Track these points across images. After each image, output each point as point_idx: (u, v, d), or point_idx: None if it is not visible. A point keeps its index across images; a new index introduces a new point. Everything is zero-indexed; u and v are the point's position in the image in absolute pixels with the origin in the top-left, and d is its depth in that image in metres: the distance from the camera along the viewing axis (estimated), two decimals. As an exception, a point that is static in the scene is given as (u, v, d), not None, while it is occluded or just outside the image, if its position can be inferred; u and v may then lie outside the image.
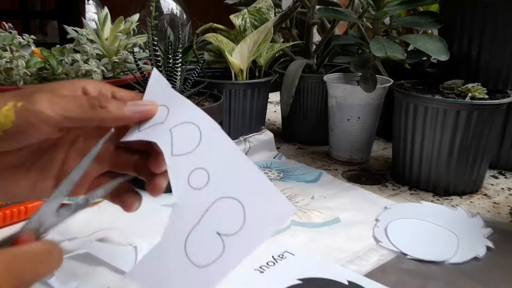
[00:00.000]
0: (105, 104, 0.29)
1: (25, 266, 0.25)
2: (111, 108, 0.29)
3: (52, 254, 0.27)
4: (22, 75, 0.54)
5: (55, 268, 0.28)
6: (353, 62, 0.71)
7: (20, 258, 0.25)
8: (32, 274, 0.26)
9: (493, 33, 0.64)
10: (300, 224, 0.55)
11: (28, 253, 0.26)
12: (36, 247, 0.26)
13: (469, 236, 0.53)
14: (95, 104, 0.29)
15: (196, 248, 0.26)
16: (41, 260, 0.26)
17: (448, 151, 0.62)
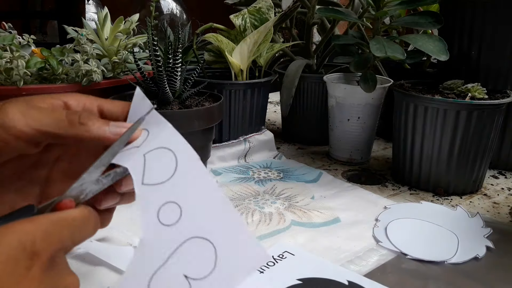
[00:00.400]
0: (85, 121, 0.28)
1: (64, 232, 0.25)
2: (91, 126, 0.28)
3: (89, 221, 0.28)
4: (22, 75, 0.54)
5: (91, 234, 0.28)
6: (353, 62, 0.71)
7: (59, 224, 0.25)
8: (70, 240, 0.26)
9: (493, 33, 0.64)
10: (300, 224, 0.55)
11: (67, 219, 0.26)
12: (74, 213, 0.27)
13: (469, 236, 0.53)
14: (74, 120, 0.27)
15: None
16: (79, 226, 0.27)
17: (448, 151, 0.62)
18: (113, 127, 0.28)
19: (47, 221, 0.25)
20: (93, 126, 0.28)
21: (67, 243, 0.26)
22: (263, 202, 0.60)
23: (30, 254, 0.23)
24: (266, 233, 0.52)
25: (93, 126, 0.28)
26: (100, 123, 0.28)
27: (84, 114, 0.28)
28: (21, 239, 0.23)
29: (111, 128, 0.28)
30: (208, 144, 0.65)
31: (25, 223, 0.24)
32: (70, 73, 0.58)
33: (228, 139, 0.74)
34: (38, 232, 0.24)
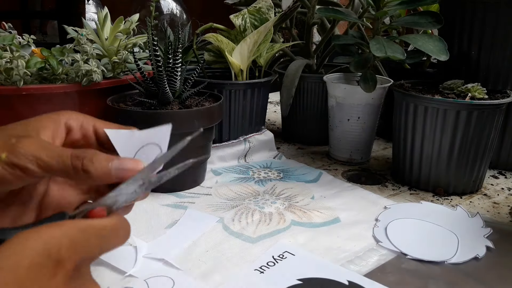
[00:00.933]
0: (88, 168, 0.28)
1: (92, 240, 0.25)
2: (94, 172, 0.28)
3: (119, 230, 0.27)
4: (22, 75, 0.54)
5: (121, 243, 0.28)
6: (353, 62, 0.71)
7: (88, 232, 0.25)
8: (98, 249, 0.26)
9: (493, 33, 0.64)
10: (300, 224, 0.55)
11: (96, 227, 0.26)
12: (104, 222, 0.26)
13: (469, 236, 0.53)
14: (78, 167, 0.28)
15: None
16: (108, 236, 0.26)
17: (448, 151, 0.62)
18: (117, 171, 0.29)
19: (75, 228, 0.25)
20: (95, 172, 0.28)
21: (94, 252, 0.26)
22: (263, 202, 0.60)
23: (55, 261, 0.23)
24: (266, 233, 0.52)
25: (95, 172, 0.28)
26: (103, 169, 0.28)
27: (87, 158, 0.28)
28: (46, 245, 0.23)
29: (114, 172, 0.29)
30: (208, 144, 0.65)
31: (52, 228, 0.24)
32: (70, 73, 0.58)
33: (228, 139, 0.74)
34: (65, 239, 0.24)
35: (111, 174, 0.28)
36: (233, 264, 0.46)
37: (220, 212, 0.57)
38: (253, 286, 0.42)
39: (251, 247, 0.49)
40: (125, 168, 0.29)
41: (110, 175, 0.28)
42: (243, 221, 0.55)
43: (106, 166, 0.28)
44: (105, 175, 0.28)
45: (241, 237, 0.51)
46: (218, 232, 0.52)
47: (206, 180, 0.67)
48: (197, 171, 0.65)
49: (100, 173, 0.28)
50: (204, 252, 0.48)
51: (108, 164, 0.28)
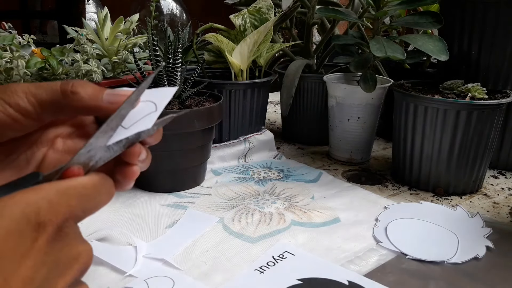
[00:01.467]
0: (76, 90, 0.27)
1: (72, 201, 0.24)
2: (84, 95, 0.27)
3: (101, 188, 0.26)
4: (22, 75, 0.54)
5: (106, 202, 0.27)
6: (353, 62, 0.71)
7: (67, 193, 0.24)
8: (80, 209, 0.25)
9: (493, 33, 0.64)
10: (300, 224, 0.55)
11: (75, 187, 0.25)
12: (84, 181, 0.25)
13: (469, 236, 0.53)
14: (67, 90, 0.27)
15: None
16: (89, 195, 0.25)
17: (448, 151, 0.62)
18: (108, 95, 0.28)
19: (53, 190, 0.24)
20: (85, 95, 0.27)
21: (76, 212, 0.25)
22: (263, 202, 0.60)
23: (35, 225, 0.22)
24: (266, 233, 0.52)
25: (85, 95, 0.27)
26: (93, 90, 0.27)
27: (77, 82, 0.27)
28: (24, 210, 0.22)
29: (106, 96, 0.28)
30: (208, 144, 0.65)
31: (28, 192, 0.23)
32: (70, 73, 0.58)
33: (228, 139, 0.74)
34: (43, 202, 0.23)
35: (102, 98, 0.27)
36: (233, 264, 0.46)
37: (220, 212, 0.57)
38: (253, 286, 0.42)
39: (251, 247, 0.49)
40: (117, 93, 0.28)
41: (100, 99, 0.27)
42: (243, 221, 0.55)
43: (97, 90, 0.28)
44: (96, 98, 0.27)
45: (241, 237, 0.51)
46: (218, 232, 0.52)
47: (206, 180, 0.67)
48: (197, 171, 0.65)
49: (90, 95, 0.27)
50: (204, 252, 0.48)
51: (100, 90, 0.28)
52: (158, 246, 0.49)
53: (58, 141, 0.32)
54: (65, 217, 0.24)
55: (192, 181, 0.64)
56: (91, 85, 0.28)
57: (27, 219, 0.22)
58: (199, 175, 0.66)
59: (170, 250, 0.48)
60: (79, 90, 0.27)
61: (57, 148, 0.32)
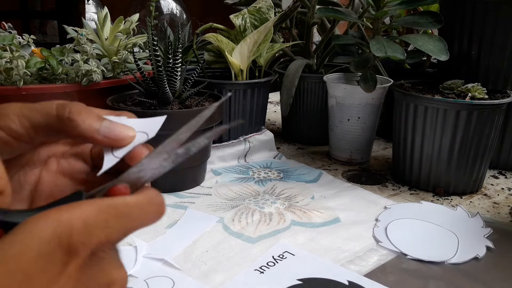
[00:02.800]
0: (73, 117, 0.25)
1: (112, 222, 0.22)
2: (80, 122, 0.25)
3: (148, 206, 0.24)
4: (22, 75, 0.54)
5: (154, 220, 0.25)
6: (353, 62, 0.71)
7: (106, 212, 0.22)
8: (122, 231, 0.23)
9: (493, 33, 0.64)
10: (300, 224, 0.55)
11: (117, 207, 0.22)
12: (128, 200, 0.23)
13: (469, 236, 0.53)
14: (63, 115, 0.25)
15: None
16: (133, 215, 0.23)
17: (448, 151, 0.62)
18: (105, 129, 0.26)
19: (91, 208, 0.21)
20: (81, 124, 0.25)
21: (115, 234, 0.22)
22: (263, 202, 0.60)
23: (66, 249, 0.20)
24: (266, 233, 0.52)
25: (82, 123, 0.25)
26: (90, 120, 0.25)
27: (74, 108, 0.25)
28: (56, 230, 0.20)
29: (103, 129, 0.26)
30: (208, 144, 0.65)
31: (63, 211, 0.21)
32: (70, 73, 0.58)
33: (228, 139, 0.74)
34: (78, 222, 0.20)
35: (99, 130, 0.25)
36: (233, 264, 0.46)
37: (220, 212, 0.57)
38: (253, 286, 0.42)
39: (251, 247, 0.49)
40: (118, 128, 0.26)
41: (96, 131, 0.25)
42: (243, 221, 0.55)
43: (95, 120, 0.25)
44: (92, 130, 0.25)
45: (241, 237, 0.51)
46: (218, 232, 0.52)
47: (206, 180, 0.67)
48: (197, 171, 0.65)
49: (87, 125, 0.25)
50: (204, 252, 0.48)
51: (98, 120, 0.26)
52: (158, 246, 0.49)
53: (51, 162, 0.31)
54: (100, 240, 0.22)
55: (192, 181, 0.64)
56: (89, 112, 0.26)
57: (59, 240, 0.20)
58: (199, 175, 0.66)
59: (170, 250, 0.48)
60: (75, 118, 0.25)
61: (51, 169, 0.31)
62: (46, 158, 0.31)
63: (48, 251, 0.20)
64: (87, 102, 0.55)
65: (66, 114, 0.25)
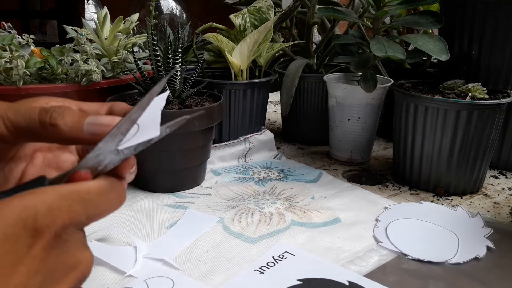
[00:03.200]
0: (55, 122, 0.25)
1: (75, 206, 0.23)
2: (63, 127, 0.25)
3: (109, 193, 0.25)
4: (21, 75, 0.54)
5: (115, 207, 0.25)
6: (353, 62, 0.71)
7: (69, 198, 0.23)
8: (84, 215, 0.23)
9: (493, 33, 0.64)
10: (300, 224, 0.54)
11: (79, 192, 0.23)
12: (89, 185, 0.24)
13: (470, 236, 0.52)
14: (45, 121, 0.25)
15: None
16: (95, 200, 0.24)
17: (448, 151, 0.62)
18: (90, 126, 0.25)
19: (54, 194, 0.22)
20: (65, 127, 0.25)
21: (79, 218, 0.23)
22: (263, 202, 0.60)
23: (31, 231, 0.21)
24: (266, 233, 0.52)
25: (65, 126, 0.25)
26: (73, 120, 0.25)
27: (55, 112, 0.25)
28: (21, 214, 0.21)
29: (87, 127, 0.25)
30: (208, 144, 0.65)
31: (27, 196, 0.22)
32: (69, 73, 0.58)
33: (228, 139, 0.74)
34: (42, 207, 0.22)
35: (83, 129, 0.25)
36: (233, 265, 0.46)
37: (220, 212, 0.57)
38: (253, 287, 0.42)
39: (251, 248, 0.49)
40: (99, 123, 0.26)
41: (81, 130, 0.25)
42: (243, 221, 0.55)
43: (78, 120, 0.25)
44: (76, 130, 0.25)
45: (241, 237, 0.51)
46: (218, 232, 0.52)
47: (206, 180, 0.67)
48: (197, 171, 0.65)
49: (70, 127, 0.25)
50: (204, 252, 0.48)
51: (80, 119, 0.25)
52: (158, 246, 0.49)
53: (37, 155, 0.31)
54: (64, 223, 0.23)
55: (192, 181, 0.64)
56: (71, 113, 0.26)
57: (24, 224, 0.21)
58: (199, 175, 0.66)
59: (170, 251, 0.48)
60: (58, 122, 0.25)
61: (37, 163, 0.31)
62: (32, 152, 0.31)
63: (13, 234, 0.21)
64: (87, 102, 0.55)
65: (48, 120, 0.25)
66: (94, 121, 0.26)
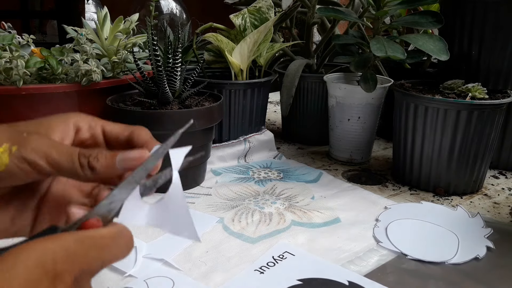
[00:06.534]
0: (93, 165, 0.28)
1: (90, 252, 0.24)
2: (99, 167, 0.28)
3: (119, 240, 0.26)
4: (21, 75, 0.54)
5: (124, 254, 0.27)
6: (353, 62, 0.71)
7: (85, 243, 0.23)
8: (99, 261, 0.24)
9: (493, 33, 0.64)
10: (300, 224, 0.54)
11: (93, 237, 0.24)
12: (102, 232, 0.25)
13: (469, 236, 0.52)
14: (84, 164, 0.28)
15: None
16: (107, 245, 0.25)
17: (448, 151, 0.62)
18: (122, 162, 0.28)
19: (71, 239, 0.23)
20: (101, 168, 0.28)
21: (94, 264, 0.24)
22: (263, 202, 0.60)
23: (52, 275, 0.21)
24: (266, 233, 0.52)
25: (101, 168, 0.28)
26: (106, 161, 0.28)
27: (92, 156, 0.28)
28: (40, 258, 0.21)
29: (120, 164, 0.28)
30: (208, 144, 0.65)
31: (45, 241, 0.22)
32: (69, 73, 0.58)
33: (228, 139, 0.74)
34: (60, 251, 0.22)
35: (116, 166, 0.28)
36: (233, 265, 0.46)
37: (220, 212, 0.57)
38: (253, 287, 0.42)
39: (251, 248, 0.49)
40: (129, 157, 0.28)
41: (114, 167, 0.28)
42: (243, 221, 0.55)
43: (111, 160, 0.28)
44: (110, 168, 0.28)
45: (241, 237, 0.51)
46: (218, 232, 0.52)
47: (206, 180, 0.67)
48: (197, 171, 0.65)
49: (105, 167, 0.28)
50: (204, 252, 0.48)
51: (112, 158, 0.28)
52: (158, 247, 0.49)
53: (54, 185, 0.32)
54: (82, 268, 0.23)
55: (192, 181, 0.64)
56: (104, 156, 0.28)
57: (43, 268, 0.21)
58: (199, 175, 0.66)
59: (170, 251, 0.48)
60: (95, 165, 0.28)
61: (61, 179, 0.33)
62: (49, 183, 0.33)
63: (35, 279, 0.21)
64: (87, 102, 0.55)
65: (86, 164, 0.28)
66: (124, 157, 0.28)
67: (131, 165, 0.28)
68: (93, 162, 0.28)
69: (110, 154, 0.28)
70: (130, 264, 0.45)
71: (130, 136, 0.31)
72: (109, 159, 0.28)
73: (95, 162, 0.28)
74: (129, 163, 0.28)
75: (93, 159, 0.28)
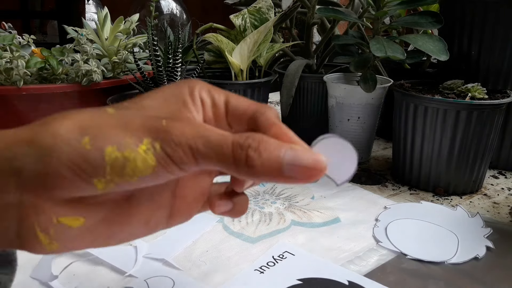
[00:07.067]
0: (253, 163, 0.21)
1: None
2: (259, 165, 0.21)
3: None
4: (22, 75, 0.54)
5: None
6: (353, 62, 0.71)
7: None
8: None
9: (493, 33, 0.64)
10: (300, 224, 0.55)
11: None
12: None
13: (469, 236, 0.53)
14: (241, 159, 0.21)
15: None
16: None
17: (448, 151, 0.62)
18: (290, 167, 0.21)
19: None
20: (261, 168, 0.21)
21: None
22: (263, 202, 0.60)
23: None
24: (266, 233, 0.52)
25: (261, 168, 0.21)
26: (271, 159, 0.21)
27: (252, 148, 0.21)
28: None
29: (288, 169, 0.21)
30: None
31: None
32: (70, 73, 0.58)
33: (228, 139, 0.74)
34: None
35: (282, 170, 0.21)
36: (233, 264, 0.46)
37: (220, 212, 0.57)
38: (253, 286, 0.42)
39: (251, 247, 0.49)
40: (303, 165, 0.22)
41: (281, 171, 0.21)
42: (243, 221, 0.55)
43: (275, 158, 0.21)
44: (274, 170, 0.21)
45: (241, 237, 0.51)
46: (218, 232, 0.52)
47: (206, 180, 0.67)
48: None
49: (267, 167, 0.21)
50: (204, 252, 0.48)
51: (278, 155, 0.21)
52: (158, 246, 0.49)
53: None
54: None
55: (192, 181, 0.64)
56: (267, 149, 0.21)
57: None
58: (199, 175, 0.66)
59: (170, 250, 0.48)
60: (255, 163, 0.21)
61: None
62: None
63: None
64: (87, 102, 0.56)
65: (244, 159, 0.21)
66: (295, 162, 0.22)
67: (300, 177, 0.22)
68: (253, 159, 0.21)
69: (274, 146, 0.21)
70: (130, 263, 0.45)
71: (255, 115, 0.25)
72: (274, 155, 0.21)
73: (255, 159, 0.21)
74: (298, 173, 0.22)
75: (253, 152, 0.21)
